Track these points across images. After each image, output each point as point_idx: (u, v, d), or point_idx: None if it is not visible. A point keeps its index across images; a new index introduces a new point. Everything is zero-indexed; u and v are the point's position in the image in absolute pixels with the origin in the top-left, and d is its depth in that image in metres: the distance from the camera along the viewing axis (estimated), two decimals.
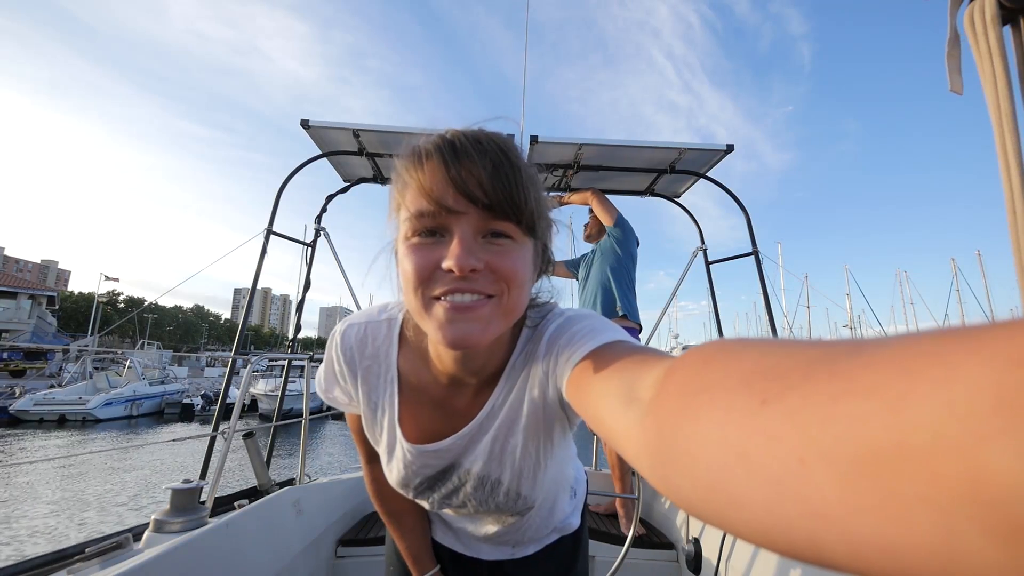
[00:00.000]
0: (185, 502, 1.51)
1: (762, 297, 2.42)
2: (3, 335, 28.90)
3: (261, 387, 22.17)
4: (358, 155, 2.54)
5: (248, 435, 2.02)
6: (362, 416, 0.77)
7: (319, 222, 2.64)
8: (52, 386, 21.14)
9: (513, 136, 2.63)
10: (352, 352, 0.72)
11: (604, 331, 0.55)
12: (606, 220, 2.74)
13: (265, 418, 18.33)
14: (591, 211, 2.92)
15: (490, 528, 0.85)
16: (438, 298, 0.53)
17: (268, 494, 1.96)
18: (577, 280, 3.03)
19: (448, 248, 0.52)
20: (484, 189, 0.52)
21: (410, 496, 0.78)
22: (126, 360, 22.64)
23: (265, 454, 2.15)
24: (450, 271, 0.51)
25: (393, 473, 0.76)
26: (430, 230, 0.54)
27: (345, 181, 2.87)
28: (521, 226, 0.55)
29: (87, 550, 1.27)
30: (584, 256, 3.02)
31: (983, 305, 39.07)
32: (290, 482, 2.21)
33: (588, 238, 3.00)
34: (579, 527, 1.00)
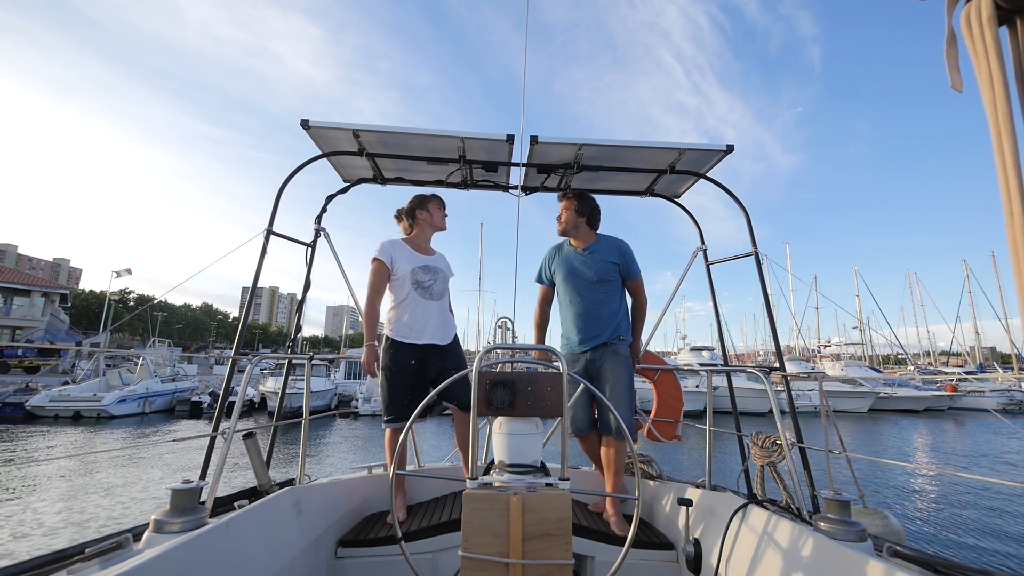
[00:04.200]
0: (185, 502, 1.51)
1: (763, 298, 2.40)
2: (17, 332, 29.41)
3: (270, 385, 22.32)
4: (358, 155, 2.54)
5: (248, 435, 2.02)
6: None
7: (319, 222, 2.65)
8: (66, 382, 21.45)
9: (513, 137, 2.63)
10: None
11: None
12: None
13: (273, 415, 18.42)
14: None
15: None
16: None
17: (268, 494, 1.97)
18: None
19: None
20: None
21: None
22: (136, 357, 22.89)
23: (265, 454, 2.16)
24: None
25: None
26: None
27: (345, 181, 2.86)
28: None
29: (87, 550, 1.28)
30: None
31: (995, 308, 38.33)
32: (290, 482, 2.21)
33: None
34: None
